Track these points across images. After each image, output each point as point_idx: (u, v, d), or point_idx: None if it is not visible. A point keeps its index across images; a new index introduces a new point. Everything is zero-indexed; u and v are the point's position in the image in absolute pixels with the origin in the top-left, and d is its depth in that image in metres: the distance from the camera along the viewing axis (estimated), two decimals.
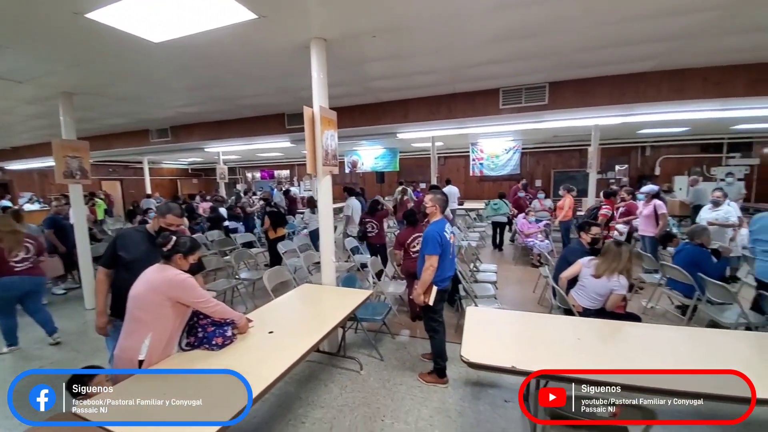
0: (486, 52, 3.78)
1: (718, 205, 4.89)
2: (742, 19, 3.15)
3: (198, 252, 2.01)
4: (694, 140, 10.49)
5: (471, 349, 2.00)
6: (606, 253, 2.76)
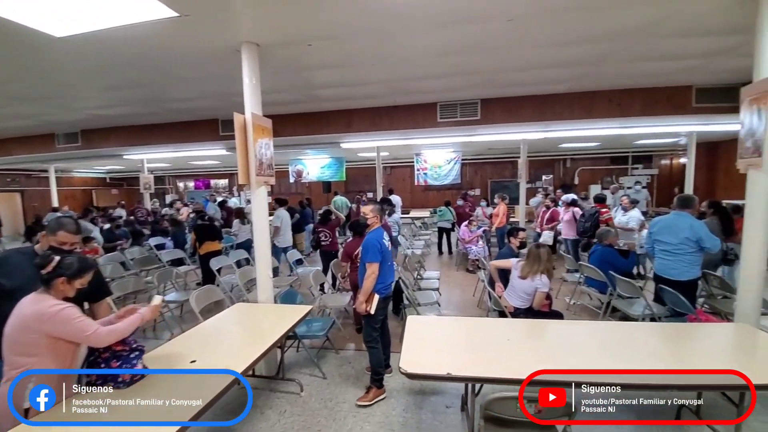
0: (422, 67, 3.94)
1: (626, 210, 5.62)
2: (632, 50, 3.68)
3: (88, 274, 1.69)
4: (604, 154, 11.99)
5: (410, 359, 2.00)
6: (528, 255, 3.02)
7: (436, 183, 11.09)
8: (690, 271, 3.20)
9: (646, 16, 2.93)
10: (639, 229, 5.44)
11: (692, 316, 2.98)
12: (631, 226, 5.46)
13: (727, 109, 4.95)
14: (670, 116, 5.18)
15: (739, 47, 3.51)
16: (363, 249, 2.69)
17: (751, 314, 2.53)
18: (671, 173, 11.68)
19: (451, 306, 4.77)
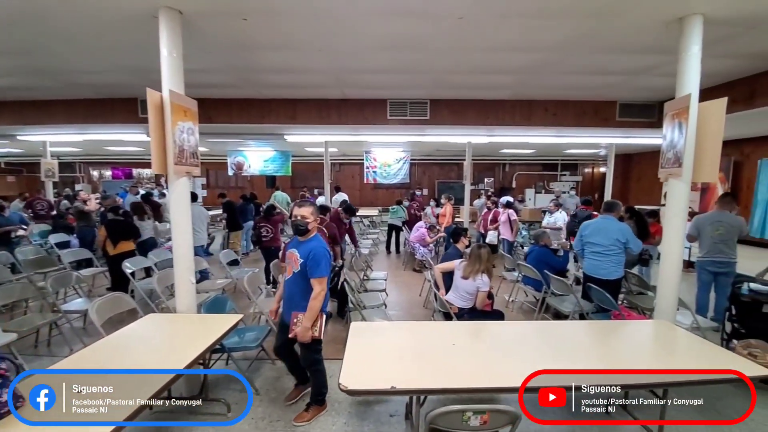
0: (372, 60, 3.78)
1: (552, 213, 6.07)
2: (568, 62, 3.90)
3: None
4: (538, 160, 12.98)
5: (351, 373, 1.82)
6: (470, 255, 3.03)
7: (385, 182, 11.04)
8: (617, 271, 3.49)
9: (581, 30, 3.08)
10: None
11: (616, 312, 3.23)
12: (558, 225, 5.90)
13: (644, 124, 5.56)
14: (597, 128, 5.69)
15: (660, 66, 3.90)
16: (312, 261, 2.20)
17: (668, 311, 2.79)
18: (593, 180, 13.03)
19: (397, 307, 4.68)
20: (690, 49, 2.68)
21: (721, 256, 3.78)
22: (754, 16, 2.75)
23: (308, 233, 2.32)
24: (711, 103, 2.59)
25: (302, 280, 2.25)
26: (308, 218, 2.29)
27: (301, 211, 2.28)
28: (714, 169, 2.60)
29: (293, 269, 2.28)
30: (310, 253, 2.21)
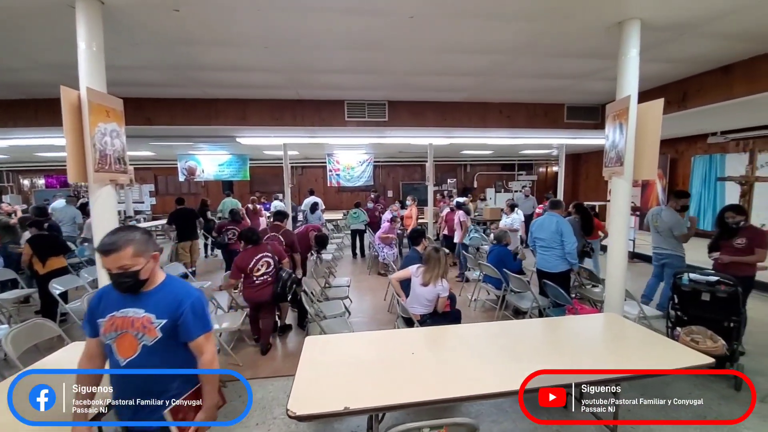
0: (325, 60, 3.64)
1: (508, 214, 6.25)
2: (519, 65, 4.01)
3: None
4: (497, 161, 13.45)
5: (302, 395, 1.68)
6: (428, 260, 2.95)
7: (349, 184, 10.89)
8: (561, 264, 3.68)
9: (529, 33, 3.16)
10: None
11: (570, 306, 3.34)
12: (515, 227, 6.06)
13: (590, 126, 5.89)
14: (547, 129, 5.95)
15: (603, 71, 4.12)
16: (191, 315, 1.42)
17: (617, 303, 2.91)
18: (546, 179, 13.72)
19: (361, 313, 4.56)
20: (629, 53, 2.82)
21: (660, 248, 4.08)
22: (685, 22, 2.96)
23: (149, 281, 1.42)
24: (648, 105, 2.74)
25: (169, 350, 1.42)
26: (136, 264, 1.34)
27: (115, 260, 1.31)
28: (653, 166, 2.75)
29: (141, 341, 1.38)
30: (181, 308, 1.40)
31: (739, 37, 3.30)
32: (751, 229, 3.21)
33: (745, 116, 5.67)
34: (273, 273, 3.36)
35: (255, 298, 3.33)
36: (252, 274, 3.26)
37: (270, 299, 3.32)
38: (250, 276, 3.27)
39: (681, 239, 3.90)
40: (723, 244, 3.27)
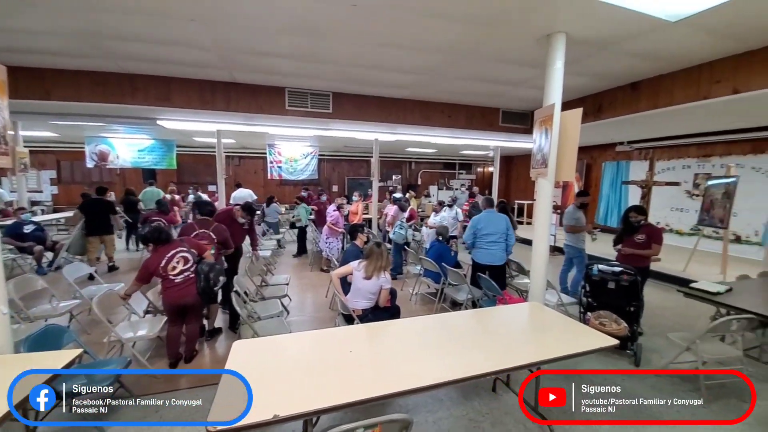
0: (263, 42, 3.39)
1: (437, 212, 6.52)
2: (459, 67, 4.15)
3: None
4: (440, 159, 13.97)
5: (225, 406, 1.53)
6: (370, 255, 2.95)
7: (291, 177, 10.42)
8: (504, 257, 4.01)
9: (468, 36, 3.27)
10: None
11: (500, 297, 3.57)
12: (444, 224, 6.24)
13: (521, 130, 6.35)
14: (484, 131, 6.30)
15: (533, 79, 4.45)
16: None
17: (539, 293, 3.16)
18: (484, 179, 14.63)
19: (301, 312, 4.39)
20: (555, 64, 3.07)
21: (566, 241, 4.64)
22: (603, 39, 3.30)
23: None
24: (569, 113, 3.01)
25: None
26: None
27: None
28: (572, 169, 3.04)
29: None
30: None
31: (645, 57, 3.78)
32: (650, 226, 3.72)
33: (647, 128, 6.59)
34: (195, 269, 3.00)
35: (179, 300, 2.94)
36: (167, 273, 2.89)
37: (196, 299, 2.98)
38: (167, 276, 2.90)
39: (568, 229, 4.46)
40: (626, 239, 3.75)
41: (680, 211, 7.80)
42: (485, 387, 2.83)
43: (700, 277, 4.69)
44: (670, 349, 3.08)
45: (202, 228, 3.48)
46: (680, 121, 5.54)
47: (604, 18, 2.83)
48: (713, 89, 3.72)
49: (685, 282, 3.49)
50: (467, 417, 2.49)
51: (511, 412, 2.55)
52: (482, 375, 1.91)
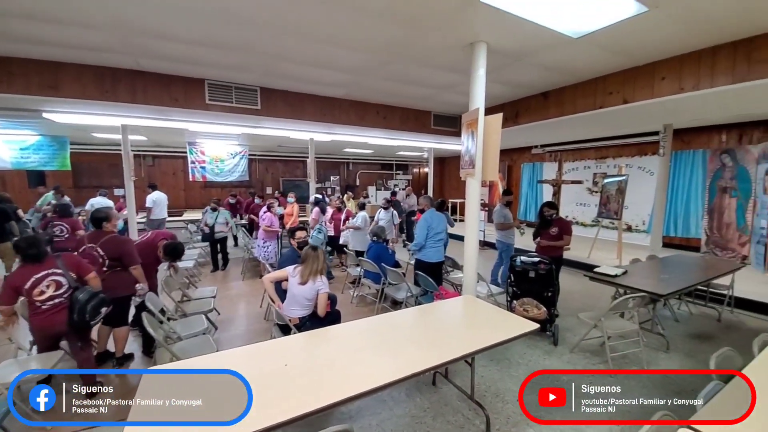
0: (173, 26, 3.01)
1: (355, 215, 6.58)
2: (391, 69, 4.20)
3: None
4: (377, 160, 14.13)
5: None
6: (306, 258, 2.83)
7: (218, 179, 9.57)
8: (443, 254, 4.14)
9: (398, 38, 3.32)
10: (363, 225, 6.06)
11: (437, 293, 3.69)
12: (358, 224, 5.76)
13: (451, 133, 6.69)
14: (417, 133, 6.51)
15: (461, 85, 4.69)
16: None
17: (471, 286, 3.33)
18: (419, 179, 15.19)
19: (232, 326, 4.03)
20: (478, 71, 3.26)
21: (497, 237, 5.03)
22: (519, 50, 3.60)
23: None
24: (491, 117, 3.22)
25: None
26: None
27: None
28: (495, 170, 3.26)
29: None
30: None
31: (554, 69, 4.23)
32: (560, 220, 4.18)
33: (556, 133, 7.44)
34: (68, 295, 2.48)
35: (46, 329, 2.44)
36: (33, 298, 2.36)
37: (66, 329, 2.45)
38: (32, 301, 2.37)
39: (498, 227, 4.86)
40: (542, 232, 4.17)
41: (584, 205, 8.97)
42: (426, 382, 2.89)
43: (601, 262, 5.44)
44: (581, 327, 3.49)
45: (90, 242, 2.90)
46: (582, 127, 6.36)
47: (518, 31, 3.09)
48: (607, 100, 4.33)
49: (589, 267, 3.98)
50: (410, 414, 2.51)
51: (450, 402, 2.64)
52: (422, 372, 1.93)
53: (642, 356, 3.13)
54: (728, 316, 4.24)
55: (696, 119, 5.97)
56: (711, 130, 6.79)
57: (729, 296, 4.19)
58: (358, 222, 5.66)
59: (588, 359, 3.21)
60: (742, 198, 6.04)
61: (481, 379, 2.92)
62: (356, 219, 5.74)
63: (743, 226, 6.03)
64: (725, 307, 4.23)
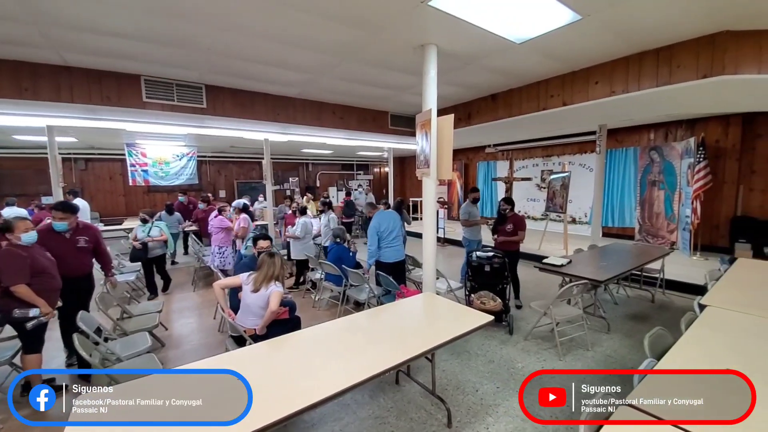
0: (99, 15, 2.73)
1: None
2: (345, 68, 4.16)
3: None
4: (337, 160, 13.97)
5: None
6: (261, 265, 2.71)
7: (163, 183, 8.91)
8: (404, 251, 4.13)
9: (351, 38, 3.29)
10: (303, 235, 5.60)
11: (399, 292, 3.71)
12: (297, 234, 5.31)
13: (409, 133, 6.77)
14: (375, 133, 6.52)
15: (415, 86, 4.74)
16: None
17: (431, 283, 3.39)
18: (380, 179, 15.26)
19: (183, 341, 3.75)
20: (429, 72, 3.33)
21: (464, 234, 5.14)
22: (468, 53, 3.71)
23: None
24: (443, 118, 3.30)
25: None
26: None
27: None
28: (449, 168, 3.34)
29: None
30: None
31: (501, 73, 4.43)
32: (514, 216, 4.37)
33: (507, 133, 7.81)
34: None
35: None
36: None
37: None
38: None
39: (463, 224, 5.00)
40: (499, 228, 4.34)
41: (534, 201, 9.54)
42: (389, 381, 2.89)
43: (550, 253, 5.79)
44: (534, 316, 3.70)
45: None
46: (529, 128, 6.74)
47: (466, 35, 3.19)
48: (549, 102, 4.62)
49: (539, 258, 4.23)
50: (373, 416, 2.50)
51: (413, 399, 2.66)
52: (383, 372, 1.92)
53: (587, 338, 3.38)
54: (660, 297, 4.72)
55: (627, 120, 6.58)
56: (641, 130, 7.53)
57: (660, 279, 4.66)
58: (297, 231, 5.21)
59: (540, 345, 3.40)
60: (669, 190, 6.76)
61: (442, 373, 2.98)
62: (296, 227, 5.27)
63: (671, 215, 6.75)
64: (657, 289, 4.70)
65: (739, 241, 6.03)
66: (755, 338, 2.11)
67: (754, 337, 2.13)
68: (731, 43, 3.18)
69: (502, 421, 2.38)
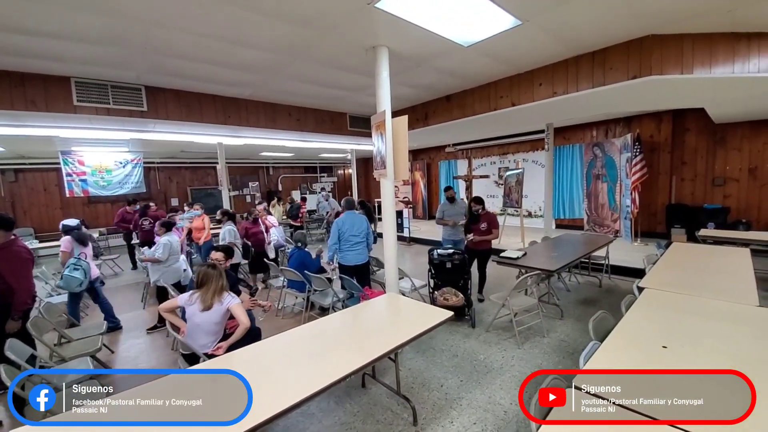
0: (17, 11, 2.45)
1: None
2: (297, 68, 4.05)
3: None
4: (299, 163, 13.67)
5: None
6: (205, 280, 2.49)
7: (105, 193, 8.20)
8: (367, 255, 4.06)
9: (300, 38, 3.21)
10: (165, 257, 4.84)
11: (363, 294, 3.69)
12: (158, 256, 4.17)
13: (369, 134, 6.75)
14: (334, 135, 6.44)
15: (370, 87, 4.74)
16: None
17: (394, 283, 3.40)
18: (345, 181, 15.14)
19: (133, 362, 3.47)
20: (382, 74, 3.34)
21: (442, 234, 5.08)
22: (418, 55, 3.77)
23: None
24: (397, 119, 3.33)
25: None
26: None
27: None
28: (405, 169, 3.38)
29: None
30: None
31: (452, 75, 4.55)
32: (487, 214, 4.44)
33: (464, 133, 8.05)
34: None
35: None
36: None
37: None
38: None
39: (438, 222, 5.07)
40: (473, 227, 4.42)
41: (493, 197, 9.92)
42: (355, 385, 2.86)
43: (509, 247, 6.03)
44: (494, 308, 3.84)
45: None
46: (484, 127, 7.00)
47: (415, 37, 3.24)
48: (499, 103, 4.82)
49: (498, 252, 4.39)
50: (339, 422, 2.46)
51: (380, 401, 2.65)
52: (346, 376, 1.88)
53: (543, 326, 3.55)
54: (607, 281, 5.09)
55: (571, 118, 7.04)
56: (584, 127, 8.10)
57: (606, 265, 5.03)
58: (158, 252, 4.00)
59: (500, 336, 3.53)
60: (611, 182, 7.32)
61: (408, 372, 3.00)
62: (156, 248, 4.06)
63: (614, 205, 7.31)
64: (604, 275, 5.06)
65: (675, 227, 6.67)
66: (688, 315, 2.32)
67: (686, 314, 2.34)
68: (657, 46, 3.50)
69: (465, 413, 2.44)
